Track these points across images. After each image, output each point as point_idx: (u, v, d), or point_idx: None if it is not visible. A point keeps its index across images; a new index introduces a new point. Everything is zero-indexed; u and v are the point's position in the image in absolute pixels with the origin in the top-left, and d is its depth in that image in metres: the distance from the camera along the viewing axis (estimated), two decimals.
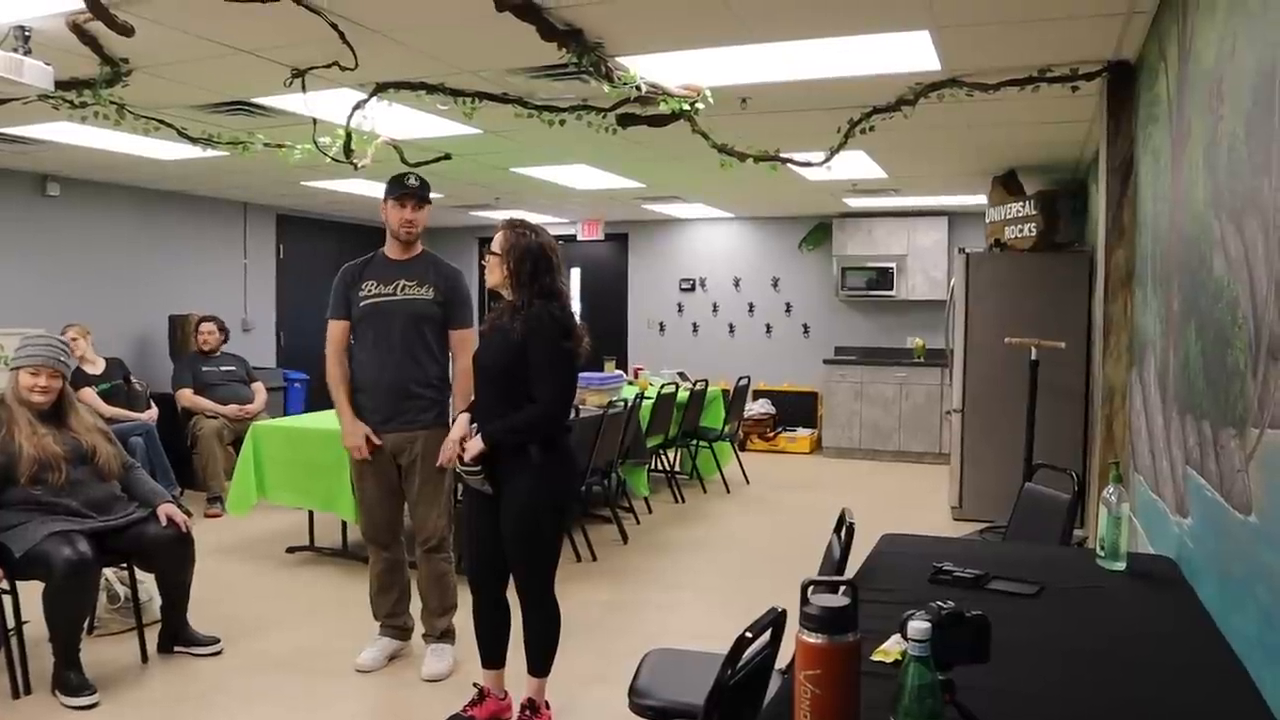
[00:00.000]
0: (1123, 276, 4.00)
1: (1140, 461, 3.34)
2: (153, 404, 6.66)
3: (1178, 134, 2.77)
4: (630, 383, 7.51)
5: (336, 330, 3.69)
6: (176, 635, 3.84)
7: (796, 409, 9.70)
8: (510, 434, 2.96)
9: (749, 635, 1.56)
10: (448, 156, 5.88)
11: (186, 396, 6.71)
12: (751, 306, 10.13)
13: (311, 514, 5.38)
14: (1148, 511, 3.07)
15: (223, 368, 6.95)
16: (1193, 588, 2.26)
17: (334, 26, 3.37)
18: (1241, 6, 1.99)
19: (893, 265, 9.20)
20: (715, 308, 10.28)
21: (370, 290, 3.62)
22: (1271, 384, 1.66)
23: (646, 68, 3.91)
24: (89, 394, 6.14)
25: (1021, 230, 6.45)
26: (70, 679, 3.34)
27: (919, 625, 1.31)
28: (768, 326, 10.08)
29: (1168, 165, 2.95)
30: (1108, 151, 4.05)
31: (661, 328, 10.51)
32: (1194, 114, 2.52)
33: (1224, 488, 2.01)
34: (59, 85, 3.83)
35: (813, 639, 1.36)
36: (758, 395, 9.56)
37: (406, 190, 3.59)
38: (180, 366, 6.99)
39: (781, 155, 5.18)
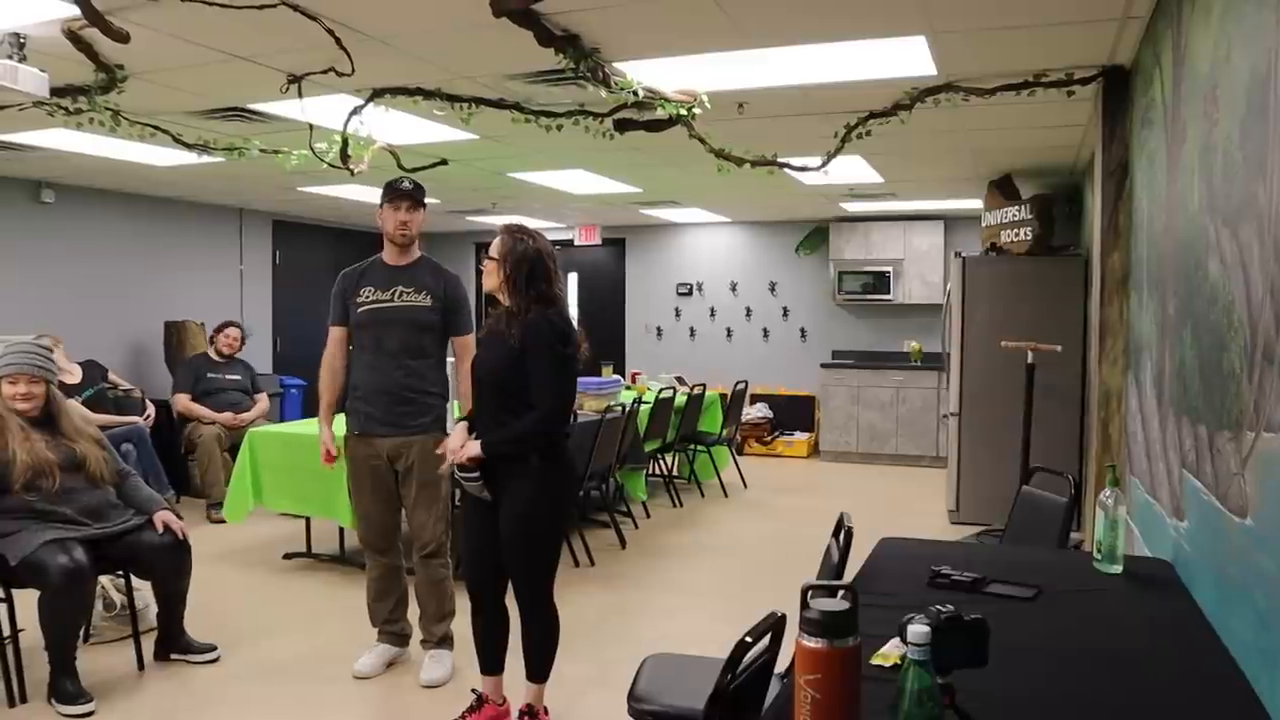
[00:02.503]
0: (1118, 280, 4.01)
1: (1136, 465, 3.35)
2: (150, 404, 6.64)
3: (1173, 138, 2.78)
4: (628, 387, 7.52)
5: (336, 336, 3.71)
6: (173, 643, 3.82)
7: (794, 413, 9.71)
8: (510, 444, 2.96)
9: (749, 640, 1.56)
10: (444, 162, 5.89)
11: (182, 402, 6.67)
12: (749, 311, 10.14)
13: (309, 520, 5.37)
14: (1144, 515, 3.08)
15: (228, 375, 6.87)
16: (1189, 591, 2.27)
17: (330, 32, 3.38)
18: (1235, 11, 2.00)
19: (889, 269, 9.22)
20: (712, 312, 10.29)
21: (368, 297, 3.62)
22: (1267, 387, 1.67)
23: (644, 73, 3.92)
24: (74, 406, 6.11)
25: (1017, 234, 6.47)
26: (66, 687, 3.33)
27: (918, 629, 1.31)
28: (765, 331, 10.09)
29: (1163, 169, 2.96)
30: (1103, 156, 4.07)
31: (659, 332, 10.51)
32: (1189, 118, 2.53)
33: (1220, 491, 2.01)
34: (54, 92, 3.84)
35: (813, 643, 1.36)
36: (755, 399, 9.57)
37: (400, 192, 3.60)
38: (184, 370, 6.91)
39: (778, 160, 5.18)
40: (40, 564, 3.28)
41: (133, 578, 3.81)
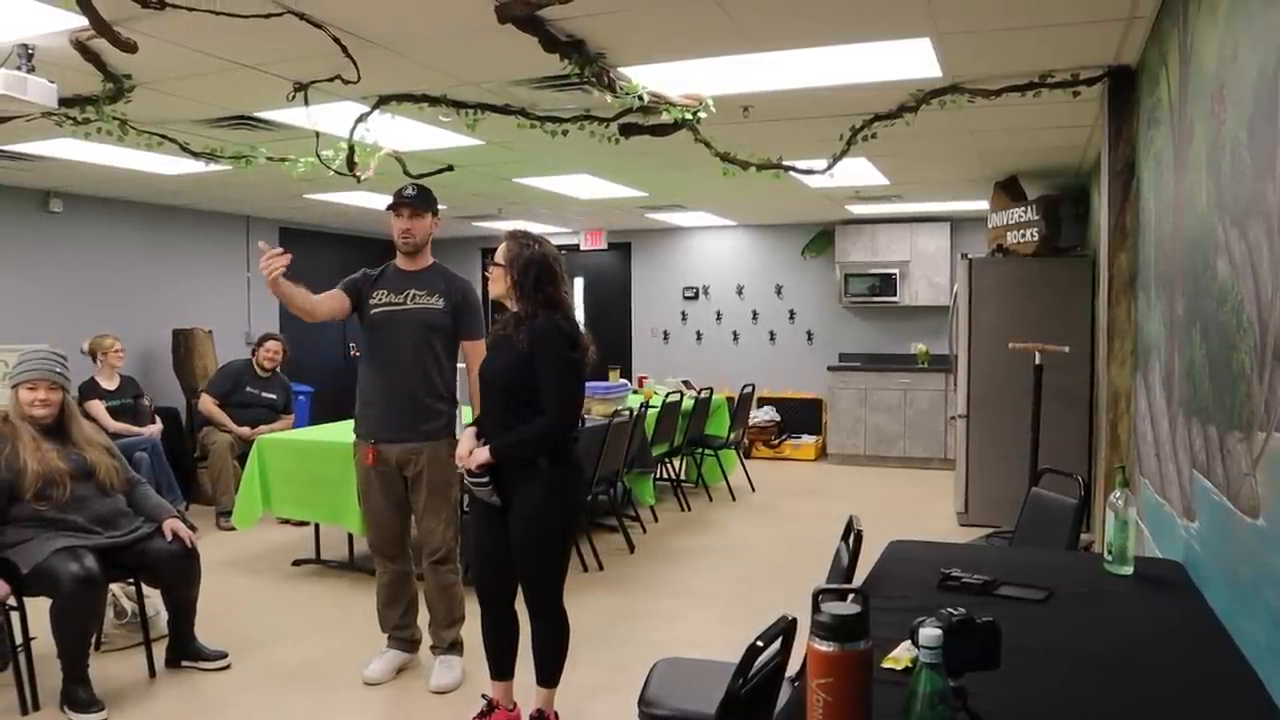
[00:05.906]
0: (1126, 280, 4.00)
1: (1146, 465, 3.34)
2: (157, 418, 6.66)
3: (1180, 138, 2.78)
4: (635, 391, 7.52)
5: (334, 291, 3.63)
6: (184, 650, 3.83)
7: (801, 416, 9.70)
8: (519, 448, 2.97)
9: (760, 644, 1.56)
10: (450, 168, 5.90)
11: (207, 403, 6.62)
12: (755, 314, 10.13)
13: (318, 526, 5.38)
14: (1154, 516, 3.07)
15: (265, 393, 6.76)
16: (1201, 592, 2.26)
17: (337, 40, 3.39)
18: (1242, 10, 1.99)
19: (895, 271, 9.20)
20: (719, 316, 10.28)
21: (381, 299, 3.63)
22: (1278, 387, 1.66)
23: (648, 77, 3.92)
24: (98, 406, 6.16)
25: (1024, 235, 6.46)
26: (78, 695, 3.35)
27: (930, 632, 1.31)
28: (771, 334, 10.09)
29: (1170, 169, 2.95)
30: (1109, 156, 4.06)
31: (665, 336, 10.51)
32: (1196, 118, 2.53)
33: (1231, 491, 2.01)
34: (62, 102, 3.85)
35: (825, 647, 1.36)
36: (762, 403, 9.56)
37: (399, 200, 3.61)
38: (223, 375, 6.83)
39: (784, 163, 5.18)
40: (52, 572, 3.29)
41: (143, 585, 3.82)
